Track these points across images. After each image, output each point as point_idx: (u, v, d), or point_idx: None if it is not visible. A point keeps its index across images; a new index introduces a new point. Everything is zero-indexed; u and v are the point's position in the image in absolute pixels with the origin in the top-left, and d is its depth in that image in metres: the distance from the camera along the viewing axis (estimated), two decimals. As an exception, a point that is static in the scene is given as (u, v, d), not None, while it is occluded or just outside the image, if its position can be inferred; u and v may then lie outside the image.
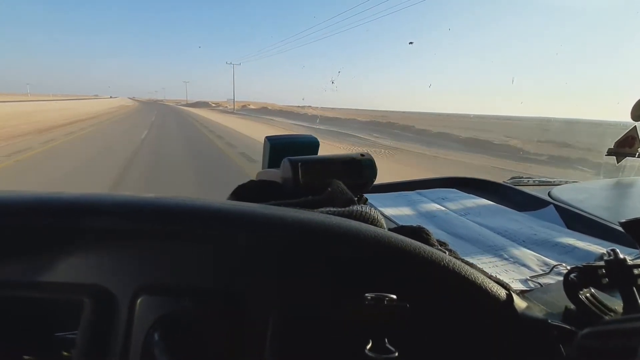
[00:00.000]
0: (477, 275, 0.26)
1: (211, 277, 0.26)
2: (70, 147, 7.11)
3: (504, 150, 10.32)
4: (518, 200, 0.64)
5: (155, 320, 0.24)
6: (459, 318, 0.26)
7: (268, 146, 0.56)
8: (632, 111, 0.87)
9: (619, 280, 0.25)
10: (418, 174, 2.71)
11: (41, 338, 0.27)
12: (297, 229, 0.25)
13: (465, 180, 0.77)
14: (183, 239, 0.26)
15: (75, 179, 4.29)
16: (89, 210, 0.24)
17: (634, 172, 0.99)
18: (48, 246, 0.26)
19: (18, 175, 4.43)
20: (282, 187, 0.47)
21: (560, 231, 0.50)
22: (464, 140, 12.52)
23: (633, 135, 0.95)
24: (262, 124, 17.13)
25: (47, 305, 0.27)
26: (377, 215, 0.32)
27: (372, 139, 12.47)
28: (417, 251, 0.25)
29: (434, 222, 0.53)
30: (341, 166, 0.49)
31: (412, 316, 0.25)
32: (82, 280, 0.25)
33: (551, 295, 0.33)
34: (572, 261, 0.40)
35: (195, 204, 0.25)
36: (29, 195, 0.25)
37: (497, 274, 0.36)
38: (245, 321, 0.25)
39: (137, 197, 0.25)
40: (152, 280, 0.26)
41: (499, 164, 7.58)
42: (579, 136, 12.27)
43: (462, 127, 15.29)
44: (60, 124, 12.31)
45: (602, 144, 1.25)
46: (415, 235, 0.31)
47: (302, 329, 0.25)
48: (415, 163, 7.42)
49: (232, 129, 13.20)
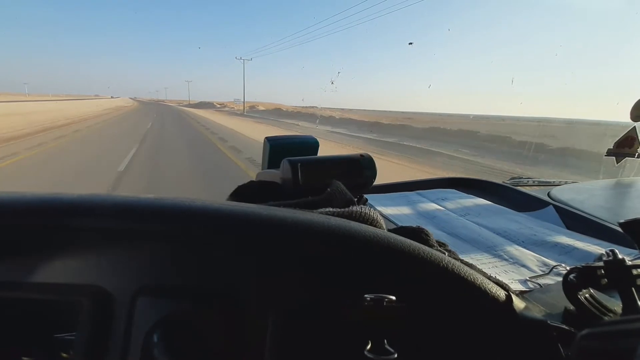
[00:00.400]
0: (477, 276, 0.26)
1: (211, 278, 0.26)
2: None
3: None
4: (517, 200, 0.64)
5: (155, 321, 0.24)
6: (458, 319, 0.26)
7: (268, 147, 0.56)
8: (632, 112, 0.87)
9: (618, 280, 0.25)
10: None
11: (40, 339, 0.27)
12: (297, 230, 0.25)
13: (464, 180, 0.77)
14: (182, 239, 0.26)
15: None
16: (89, 211, 0.24)
17: (634, 172, 0.99)
18: (47, 247, 0.26)
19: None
20: (282, 188, 0.47)
21: (559, 232, 0.50)
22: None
23: (632, 135, 0.95)
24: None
25: (46, 307, 0.27)
26: (377, 215, 0.32)
27: (480, 160, 7.85)
28: (416, 252, 0.25)
29: (433, 222, 0.53)
30: (341, 167, 0.49)
31: (412, 317, 0.25)
32: (81, 281, 0.25)
33: (550, 296, 0.33)
34: (572, 262, 0.40)
35: (194, 205, 0.25)
36: (28, 195, 0.25)
37: (496, 274, 0.36)
38: (244, 321, 0.25)
39: (136, 198, 0.25)
40: (151, 281, 0.25)
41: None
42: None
43: (522, 132, 11.28)
44: (20, 134, 8.34)
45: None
46: (414, 236, 0.31)
47: (302, 329, 0.25)
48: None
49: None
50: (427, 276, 0.26)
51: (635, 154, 0.95)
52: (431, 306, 0.26)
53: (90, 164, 5.23)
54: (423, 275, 0.26)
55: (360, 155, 0.50)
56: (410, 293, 0.25)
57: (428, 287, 0.26)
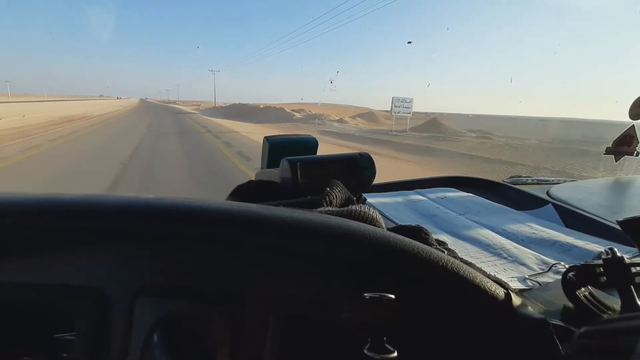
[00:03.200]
0: (476, 274, 0.26)
1: (210, 277, 0.26)
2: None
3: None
4: (517, 199, 0.64)
5: (155, 321, 0.24)
6: (457, 317, 0.26)
7: (267, 146, 0.56)
8: (630, 110, 0.87)
9: (616, 278, 0.26)
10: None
11: (40, 339, 0.27)
12: (296, 229, 0.25)
13: (464, 179, 0.77)
14: (182, 239, 0.26)
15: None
16: (88, 211, 0.24)
17: (632, 170, 0.99)
18: (47, 248, 0.26)
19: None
20: (281, 187, 0.47)
21: (558, 230, 0.50)
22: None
23: (631, 134, 0.95)
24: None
25: (46, 307, 0.27)
26: (376, 214, 0.32)
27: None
28: (415, 251, 0.25)
29: (432, 221, 0.53)
30: (340, 166, 0.49)
31: (411, 316, 0.25)
32: (81, 282, 0.25)
33: (549, 294, 0.33)
34: (571, 260, 0.41)
35: (193, 205, 0.25)
36: (28, 196, 0.25)
37: (495, 273, 0.36)
38: (244, 321, 0.25)
39: (136, 198, 0.25)
40: (151, 281, 0.25)
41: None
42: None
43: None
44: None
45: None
46: (414, 234, 0.31)
47: (301, 328, 0.25)
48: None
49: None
50: (426, 275, 0.26)
51: (634, 153, 0.95)
52: (430, 304, 0.26)
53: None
54: (422, 274, 0.26)
55: (359, 154, 0.50)
56: (409, 291, 0.25)
57: (427, 286, 0.26)
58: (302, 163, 0.45)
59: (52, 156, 5.71)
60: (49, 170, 4.59)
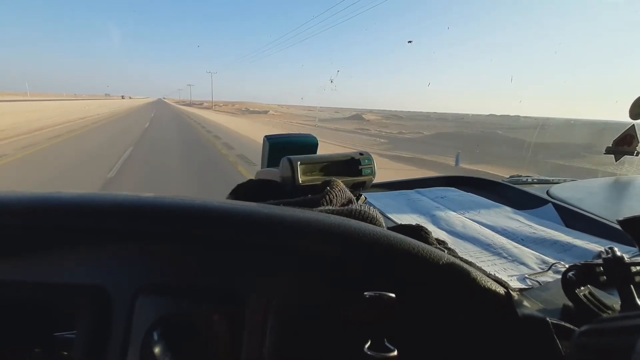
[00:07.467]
0: (476, 273, 0.26)
1: (210, 277, 0.26)
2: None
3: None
4: (517, 198, 0.64)
5: (155, 321, 0.24)
6: (457, 316, 0.26)
7: (267, 145, 0.56)
8: (630, 110, 0.87)
9: (616, 278, 0.26)
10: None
11: (40, 338, 0.27)
12: (296, 228, 0.25)
13: (464, 179, 0.77)
14: (182, 238, 0.26)
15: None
16: (88, 210, 0.24)
17: (633, 170, 0.99)
18: (47, 247, 0.26)
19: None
20: (281, 186, 0.47)
21: (558, 229, 0.50)
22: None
23: (631, 133, 0.95)
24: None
25: (46, 305, 0.27)
26: (376, 214, 0.32)
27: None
28: (416, 250, 0.25)
29: (433, 220, 0.53)
30: (340, 165, 0.49)
31: (411, 315, 0.25)
32: (81, 281, 0.25)
33: (549, 293, 0.33)
34: (571, 259, 0.41)
35: (194, 204, 0.25)
36: (28, 195, 0.25)
37: (495, 272, 0.37)
38: (244, 321, 0.25)
39: (136, 197, 0.25)
40: (151, 281, 0.25)
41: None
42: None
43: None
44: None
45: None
46: (414, 234, 0.31)
47: (302, 328, 0.25)
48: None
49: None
50: (426, 274, 0.26)
51: (634, 152, 0.95)
52: (431, 304, 0.26)
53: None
54: (423, 273, 0.26)
55: (359, 153, 0.50)
56: (410, 291, 0.25)
57: (428, 285, 0.26)
58: (303, 162, 0.45)
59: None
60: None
